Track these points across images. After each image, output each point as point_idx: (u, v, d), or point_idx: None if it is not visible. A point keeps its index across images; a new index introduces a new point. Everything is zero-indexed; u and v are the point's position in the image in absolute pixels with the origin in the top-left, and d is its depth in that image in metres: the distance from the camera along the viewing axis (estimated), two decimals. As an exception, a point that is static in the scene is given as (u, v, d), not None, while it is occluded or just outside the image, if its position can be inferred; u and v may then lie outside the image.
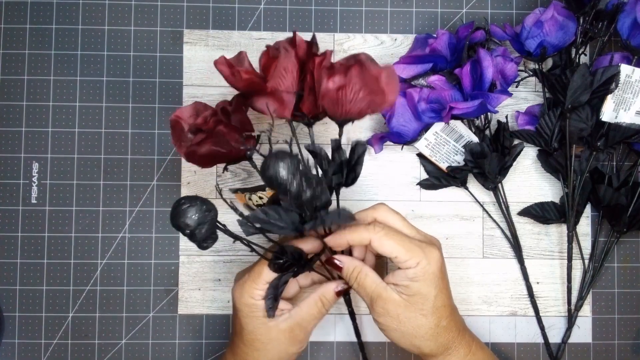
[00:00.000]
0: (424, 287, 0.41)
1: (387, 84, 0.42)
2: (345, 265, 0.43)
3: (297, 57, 0.43)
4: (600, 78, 0.49)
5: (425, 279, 0.41)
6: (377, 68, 0.41)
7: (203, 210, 0.37)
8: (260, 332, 0.43)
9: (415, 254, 0.41)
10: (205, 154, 0.42)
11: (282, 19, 0.55)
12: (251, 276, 0.42)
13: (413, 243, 0.41)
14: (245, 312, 0.43)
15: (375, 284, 0.42)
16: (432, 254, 0.42)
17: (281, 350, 0.44)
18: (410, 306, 0.41)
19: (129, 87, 0.54)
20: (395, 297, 0.42)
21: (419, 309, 0.41)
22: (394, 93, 0.43)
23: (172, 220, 0.37)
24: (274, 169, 0.36)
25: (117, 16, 0.54)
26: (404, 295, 0.41)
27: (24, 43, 0.54)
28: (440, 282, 0.42)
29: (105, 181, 0.54)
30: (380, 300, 0.42)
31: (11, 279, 0.53)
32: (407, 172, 0.55)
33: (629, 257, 0.55)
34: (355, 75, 0.40)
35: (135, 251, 0.53)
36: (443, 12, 0.56)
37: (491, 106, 0.47)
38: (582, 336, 0.54)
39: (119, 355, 0.53)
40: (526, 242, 0.54)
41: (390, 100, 0.43)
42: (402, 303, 0.42)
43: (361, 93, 0.41)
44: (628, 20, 0.49)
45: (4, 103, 0.54)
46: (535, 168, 0.55)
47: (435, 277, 0.41)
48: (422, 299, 0.41)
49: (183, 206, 0.36)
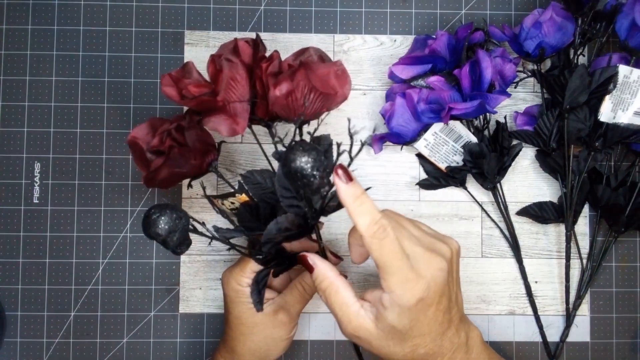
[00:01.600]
0: (396, 319, 0.37)
1: (337, 80, 0.41)
2: (315, 272, 0.39)
3: (244, 64, 0.42)
4: (599, 79, 0.49)
5: (398, 312, 0.37)
6: (324, 67, 0.41)
7: (173, 218, 0.37)
8: (246, 317, 0.44)
9: (394, 280, 0.36)
10: (165, 177, 0.41)
11: (282, 20, 0.55)
12: (239, 265, 0.44)
13: (402, 268, 0.36)
14: (231, 297, 0.44)
15: (345, 306, 0.38)
16: (415, 286, 0.36)
17: (267, 335, 0.44)
18: (382, 335, 0.38)
19: (130, 88, 0.54)
20: (367, 325, 0.38)
21: (391, 339, 0.38)
22: (345, 87, 0.42)
23: (144, 231, 0.37)
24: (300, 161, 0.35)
25: (119, 17, 0.55)
26: (377, 323, 0.37)
27: (26, 44, 0.54)
28: (419, 314, 0.37)
29: (106, 181, 0.54)
30: (350, 326, 0.38)
31: (13, 278, 0.53)
32: (406, 172, 0.55)
33: (627, 257, 0.55)
34: (301, 79, 0.39)
35: (137, 250, 0.54)
36: (442, 13, 0.56)
37: (490, 107, 0.48)
38: (580, 335, 0.55)
39: (121, 354, 0.53)
40: (525, 241, 0.55)
41: (343, 94, 0.42)
42: (374, 332, 0.38)
43: (311, 95, 0.40)
44: (626, 21, 0.49)
45: (6, 103, 0.54)
46: (533, 168, 0.55)
47: (410, 311, 0.36)
48: (395, 331, 0.37)
49: (153, 216, 0.37)
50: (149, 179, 0.41)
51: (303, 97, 0.40)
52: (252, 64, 0.42)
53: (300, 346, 0.54)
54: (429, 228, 0.41)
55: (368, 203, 0.36)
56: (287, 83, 0.40)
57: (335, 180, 0.36)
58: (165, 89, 0.41)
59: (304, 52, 0.44)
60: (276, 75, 0.41)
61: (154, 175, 0.41)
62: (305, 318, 0.54)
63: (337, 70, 0.41)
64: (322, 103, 0.41)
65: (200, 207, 0.54)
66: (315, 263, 0.40)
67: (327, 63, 0.42)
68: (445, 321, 0.39)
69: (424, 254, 0.38)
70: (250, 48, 0.42)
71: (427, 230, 0.41)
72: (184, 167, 0.42)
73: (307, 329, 0.54)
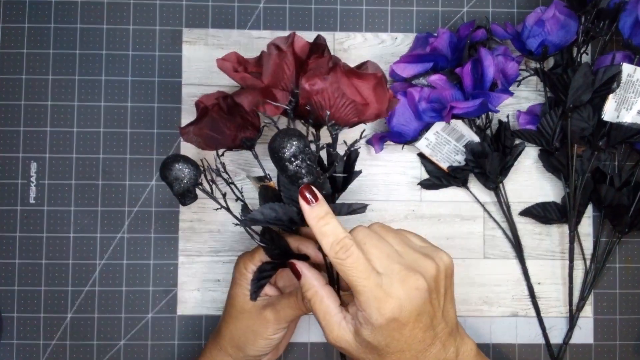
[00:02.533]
0: (370, 336, 0.37)
1: (374, 93, 0.40)
2: (302, 280, 0.40)
3: (295, 55, 0.42)
4: (602, 77, 0.49)
5: (371, 329, 0.37)
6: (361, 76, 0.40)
7: (182, 168, 0.42)
8: (237, 301, 0.45)
9: (365, 299, 0.36)
10: (197, 134, 0.45)
11: (281, 18, 0.55)
12: (251, 251, 0.46)
13: (370, 287, 0.36)
14: (235, 277, 0.46)
15: (328, 315, 0.39)
16: (385, 306, 0.36)
17: (249, 326, 0.44)
18: (361, 349, 0.38)
19: (127, 87, 0.54)
20: (347, 337, 0.38)
21: (370, 353, 0.38)
22: (382, 102, 0.41)
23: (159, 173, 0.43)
24: (278, 143, 0.38)
25: (116, 15, 0.54)
26: (356, 337, 0.38)
27: (22, 42, 0.54)
28: (394, 332, 0.37)
29: (103, 181, 0.53)
30: (331, 336, 0.39)
31: (9, 279, 0.53)
32: (408, 172, 0.54)
33: (631, 258, 0.55)
34: (334, 81, 0.39)
35: (134, 252, 0.53)
36: (444, 11, 0.55)
37: (492, 105, 0.47)
38: (583, 337, 0.54)
39: (118, 356, 0.53)
40: (527, 242, 0.54)
41: (378, 109, 0.41)
42: (353, 344, 0.38)
43: (341, 100, 0.40)
44: (630, 20, 0.49)
45: (2, 102, 0.53)
46: (536, 168, 0.55)
47: (382, 329, 0.37)
48: (371, 346, 0.38)
49: (167, 160, 0.42)
50: (184, 129, 0.45)
51: (332, 99, 0.40)
52: (304, 58, 0.42)
53: (300, 349, 0.53)
54: (421, 241, 0.41)
55: (332, 223, 0.38)
56: (320, 80, 0.40)
57: (300, 201, 0.38)
58: (223, 61, 0.43)
59: (363, 64, 0.44)
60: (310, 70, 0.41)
61: (187, 127, 0.44)
62: (305, 319, 0.53)
63: (375, 83, 0.40)
64: (353, 112, 0.41)
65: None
66: (302, 271, 0.40)
67: (367, 73, 0.41)
68: (427, 338, 0.38)
69: (399, 272, 0.37)
70: (308, 44, 0.43)
71: (417, 244, 0.41)
72: (217, 132, 0.44)
73: (307, 331, 0.53)
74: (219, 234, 0.53)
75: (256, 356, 0.46)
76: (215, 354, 0.46)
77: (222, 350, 0.46)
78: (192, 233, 0.53)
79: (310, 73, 0.40)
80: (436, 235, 0.54)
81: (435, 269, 0.38)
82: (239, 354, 0.45)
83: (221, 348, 0.46)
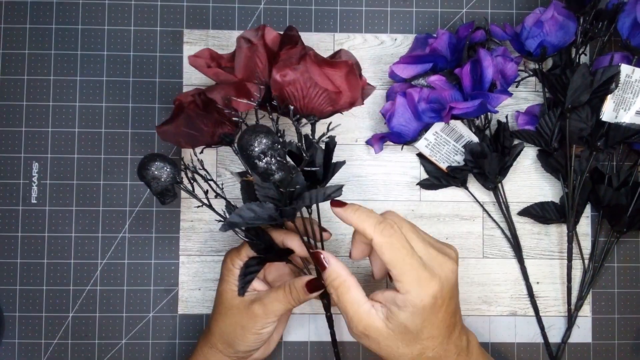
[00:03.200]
0: (409, 319, 0.37)
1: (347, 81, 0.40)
2: (328, 270, 0.40)
3: (266, 47, 0.41)
4: (601, 78, 0.49)
5: (412, 312, 0.37)
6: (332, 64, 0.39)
7: (159, 167, 0.41)
8: (225, 297, 0.45)
9: (409, 279, 0.37)
10: (174, 132, 0.44)
11: (282, 19, 0.55)
12: (239, 246, 0.46)
13: (413, 266, 0.37)
14: (223, 274, 0.46)
15: (357, 305, 0.39)
16: (429, 285, 0.37)
17: (237, 322, 0.44)
18: (393, 335, 0.38)
19: (128, 87, 0.54)
20: (378, 324, 0.38)
21: (401, 339, 0.38)
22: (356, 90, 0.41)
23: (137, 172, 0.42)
24: (246, 140, 0.37)
25: (117, 16, 0.54)
26: (388, 323, 0.38)
27: (24, 43, 0.54)
28: (432, 316, 0.38)
29: (105, 181, 0.54)
30: (361, 325, 0.39)
31: (11, 279, 0.53)
32: (407, 172, 0.55)
33: (629, 257, 0.55)
34: (304, 71, 0.39)
35: (135, 251, 0.53)
36: (443, 12, 0.55)
37: (491, 106, 0.47)
38: (582, 336, 0.54)
39: (119, 355, 0.53)
40: (526, 242, 0.54)
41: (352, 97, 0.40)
42: (384, 331, 0.38)
43: (313, 89, 0.39)
44: (628, 20, 0.49)
45: (4, 103, 0.54)
46: (535, 168, 0.55)
47: (424, 311, 0.37)
48: (405, 331, 0.38)
49: (144, 160, 0.41)
50: (160, 128, 0.44)
51: (304, 89, 0.40)
52: (276, 50, 0.42)
53: (301, 348, 0.54)
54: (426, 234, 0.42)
55: (367, 210, 0.39)
56: (290, 71, 0.39)
57: (333, 209, 0.40)
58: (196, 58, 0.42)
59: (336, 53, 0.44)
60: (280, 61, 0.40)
61: (164, 126, 0.44)
62: (305, 319, 0.53)
63: (347, 70, 0.40)
64: (327, 101, 0.40)
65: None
66: (328, 261, 0.40)
67: (338, 61, 0.40)
68: (451, 324, 0.39)
69: (437, 256, 0.39)
70: (279, 35, 0.42)
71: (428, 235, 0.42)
72: (194, 129, 0.43)
73: (307, 331, 0.54)
74: (220, 234, 0.53)
75: (246, 351, 0.46)
76: (206, 352, 0.46)
77: (213, 347, 0.46)
78: (192, 233, 0.54)
79: (281, 64, 0.39)
80: (436, 235, 0.54)
81: (456, 256, 0.41)
82: (229, 350, 0.45)
83: (212, 345, 0.46)
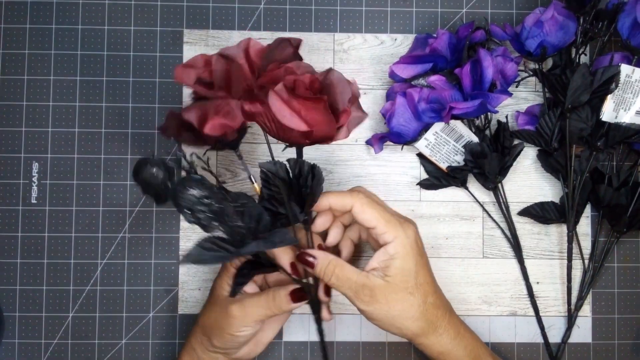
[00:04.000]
0: (404, 263, 0.42)
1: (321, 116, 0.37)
2: (319, 261, 0.43)
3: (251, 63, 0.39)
4: (601, 78, 0.49)
5: (404, 254, 0.42)
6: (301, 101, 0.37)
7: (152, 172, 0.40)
8: (215, 291, 0.45)
9: (394, 227, 0.42)
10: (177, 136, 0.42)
11: (282, 19, 0.55)
12: None
13: (392, 217, 0.43)
14: (220, 269, 0.46)
15: (356, 274, 0.42)
16: (409, 229, 0.43)
17: (216, 319, 0.44)
18: (395, 286, 0.42)
19: (128, 87, 0.54)
20: (380, 281, 0.42)
21: (404, 288, 0.42)
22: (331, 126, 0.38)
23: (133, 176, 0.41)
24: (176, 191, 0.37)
25: (117, 16, 0.54)
26: (387, 277, 0.42)
27: (24, 43, 0.54)
28: (420, 258, 0.43)
29: (105, 181, 0.54)
30: (366, 289, 0.42)
31: (11, 279, 0.53)
32: (407, 172, 0.55)
33: (629, 257, 0.55)
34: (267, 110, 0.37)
35: (135, 251, 0.53)
36: (443, 12, 0.55)
37: (491, 106, 0.47)
38: (582, 336, 0.54)
39: (119, 355, 0.53)
40: (526, 242, 0.54)
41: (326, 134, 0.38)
42: (387, 286, 0.42)
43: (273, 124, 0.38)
44: (628, 20, 0.49)
45: (4, 103, 0.54)
46: (535, 168, 0.55)
47: (413, 252, 0.42)
48: (405, 276, 0.42)
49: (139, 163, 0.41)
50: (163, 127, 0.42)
51: (275, 121, 0.38)
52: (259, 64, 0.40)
53: (301, 348, 0.54)
54: None
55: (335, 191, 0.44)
56: (259, 104, 0.37)
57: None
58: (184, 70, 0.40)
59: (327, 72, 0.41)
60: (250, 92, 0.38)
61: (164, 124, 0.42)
62: (305, 319, 0.53)
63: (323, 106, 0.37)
64: (298, 135, 0.38)
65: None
66: (315, 255, 0.43)
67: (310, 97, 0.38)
68: (433, 279, 0.45)
69: (399, 216, 0.44)
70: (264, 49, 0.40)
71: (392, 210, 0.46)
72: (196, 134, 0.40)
73: (307, 331, 0.54)
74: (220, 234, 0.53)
75: (224, 349, 0.45)
76: (193, 341, 0.47)
77: (197, 338, 0.46)
78: (193, 232, 0.54)
79: (248, 95, 0.38)
80: (435, 235, 0.54)
81: (414, 227, 0.44)
82: (207, 344, 0.45)
83: (196, 336, 0.46)
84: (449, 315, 0.45)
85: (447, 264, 0.54)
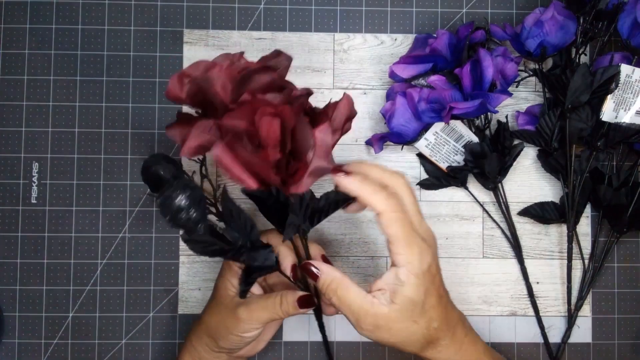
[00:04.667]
0: (413, 293, 0.39)
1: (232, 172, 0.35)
2: (323, 276, 0.40)
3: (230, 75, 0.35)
4: (601, 78, 0.49)
5: (415, 284, 0.39)
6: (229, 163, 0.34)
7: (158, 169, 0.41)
8: (219, 292, 0.45)
9: (411, 250, 0.38)
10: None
11: (282, 19, 0.55)
12: None
13: (415, 238, 0.39)
14: (223, 269, 0.45)
15: (360, 299, 0.39)
16: (426, 253, 0.39)
17: (221, 320, 0.44)
18: (400, 316, 0.39)
19: (128, 87, 0.54)
20: (384, 310, 0.39)
21: (409, 317, 0.39)
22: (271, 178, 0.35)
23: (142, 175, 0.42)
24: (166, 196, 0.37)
25: (117, 16, 0.54)
26: (393, 305, 0.39)
27: (24, 43, 0.54)
28: (430, 285, 0.39)
29: (105, 181, 0.54)
30: (369, 317, 0.39)
31: (11, 278, 0.53)
32: (407, 172, 0.55)
33: (629, 257, 0.55)
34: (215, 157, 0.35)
35: (135, 251, 0.53)
36: (443, 12, 0.55)
37: (491, 106, 0.47)
38: (582, 336, 0.54)
39: (119, 355, 0.53)
40: (526, 242, 0.54)
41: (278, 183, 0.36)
42: (392, 315, 0.39)
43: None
44: (628, 20, 0.49)
45: (4, 103, 0.54)
46: (535, 168, 0.55)
47: (425, 281, 0.39)
48: (412, 305, 0.39)
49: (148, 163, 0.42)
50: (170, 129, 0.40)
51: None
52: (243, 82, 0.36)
53: (301, 348, 0.54)
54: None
55: (373, 183, 0.39)
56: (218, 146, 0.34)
57: (334, 178, 0.39)
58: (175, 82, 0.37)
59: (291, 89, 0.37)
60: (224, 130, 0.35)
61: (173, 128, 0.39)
62: (305, 319, 0.53)
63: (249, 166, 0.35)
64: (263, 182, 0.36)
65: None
66: (320, 267, 0.41)
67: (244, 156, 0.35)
68: (444, 295, 0.42)
69: (428, 228, 0.41)
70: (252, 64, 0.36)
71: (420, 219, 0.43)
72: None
73: (307, 331, 0.54)
74: (220, 234, 0.53)
75: (229, 349, 0.45)
76: (194, 341, 0.46)
77: (200, 338, 0.46)
78: (192, 233, 0.54)
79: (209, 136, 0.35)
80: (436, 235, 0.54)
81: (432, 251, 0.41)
82: (212, 344, 0.45)
83: (199, 337, 0.46)
84: (452, 333, 0.42)
85: (447, 264, 0.54)
